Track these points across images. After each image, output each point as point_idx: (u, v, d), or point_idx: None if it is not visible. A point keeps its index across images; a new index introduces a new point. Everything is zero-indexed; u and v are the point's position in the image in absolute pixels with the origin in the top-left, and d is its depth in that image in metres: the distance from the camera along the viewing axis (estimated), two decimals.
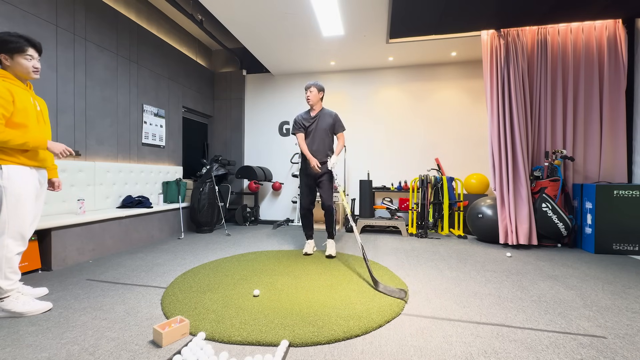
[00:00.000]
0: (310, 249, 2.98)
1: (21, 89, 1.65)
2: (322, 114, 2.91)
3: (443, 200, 4.04)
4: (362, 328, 1.51)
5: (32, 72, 1.68)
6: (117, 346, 1.36)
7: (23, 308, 1.62)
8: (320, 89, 2.88)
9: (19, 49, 1.61)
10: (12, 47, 1.60)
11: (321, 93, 2.90)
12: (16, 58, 1.62)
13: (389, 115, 4.87)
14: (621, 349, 1.36)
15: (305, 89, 2.88)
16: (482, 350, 1.34)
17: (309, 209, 3.00)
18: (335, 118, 2.93)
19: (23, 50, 1.63)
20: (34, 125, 1.68)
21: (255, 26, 3.62)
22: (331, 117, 2.91)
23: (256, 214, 4.90)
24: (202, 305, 1.77)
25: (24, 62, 1.64)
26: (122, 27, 3.50)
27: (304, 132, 2.92)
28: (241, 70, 5.30)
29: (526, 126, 3.37)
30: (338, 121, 2.95)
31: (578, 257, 2.94)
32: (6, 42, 1.59)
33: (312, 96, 2.85)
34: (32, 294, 1.83)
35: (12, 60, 1.62)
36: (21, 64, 1.64)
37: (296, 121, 2.95)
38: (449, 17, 3.36)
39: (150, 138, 3.91)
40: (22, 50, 1.62)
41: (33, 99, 1.72)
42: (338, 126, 2.95)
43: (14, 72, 1.64)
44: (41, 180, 1.78)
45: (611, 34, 3.32)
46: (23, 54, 1.63)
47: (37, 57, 1.70)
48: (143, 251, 3.05)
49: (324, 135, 2.89)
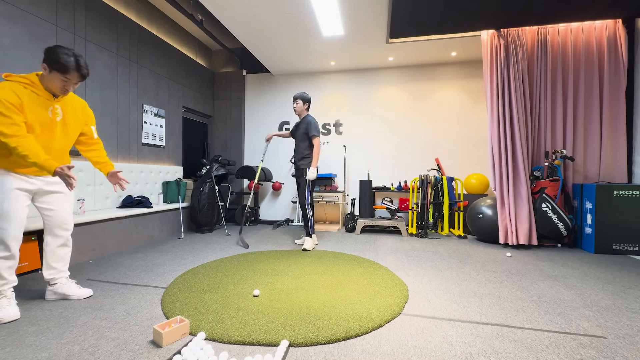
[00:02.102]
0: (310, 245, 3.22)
1: (37, 96, 1.61)
2: (303, 121, 3.25)
3: (443, 200, 4.04)
4: (362, 328, 1.51)
5: (59, 91, 1.65)
6: (117, 346, 1.36)
7: (71, 291, 1.85)
8: (305, 101, 3.25)
9: (61, 69, 1.59)
10: (56, 65, 1.58)
11: (307, 104, 3.26)
12: (54, 74, 1.59)
13: (389, 115, 4.87)
14: (621, 349, 1.36)
15: (293, 99, 3.25)
16: (482, 350, 1.34)
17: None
18: (309, 123, 3.19)
19: (65, 72, 1.60)
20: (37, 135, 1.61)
21: (255, 26, 3.62)
22: (306, 123, 3.19)
23: (256, 214, 4.90)
24: (202, 305, 1.77)
25: (57, 81, 1.61)
26: (122, 27, 3.50)
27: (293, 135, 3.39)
28: (241, 70, 5.29)
29: (526, 126, 3.37)
30: (309, 125, 3.18)
31: (578, 257, 2.94)
32: (55, 59, 1.57)
33: (298, 108, 3.24)
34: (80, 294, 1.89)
35: (49, 74, 1.60)
36: (54, 82, 1.61)
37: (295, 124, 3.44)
38: (449, 17, 3.36)
39: (150, 138, 3.91)
40: (63, 72, 1.60)
41: (53, 108, 1.66)
42: (309, 130, 3.18)
43: (44, 81, 1.62)
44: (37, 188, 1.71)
45: (611, 34, 3.32)
46: (63, 74, 1.60)
47: (75, 83, 1.67)
48: (143, 251, 3.05)
49: (301, 139, 3.23)
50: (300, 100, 3.22)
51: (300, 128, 3.25)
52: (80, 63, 1.63)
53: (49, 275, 1.83)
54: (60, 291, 1.85)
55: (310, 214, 3.19)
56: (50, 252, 1.82)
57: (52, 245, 1.82)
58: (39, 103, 1.61)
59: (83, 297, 1.88)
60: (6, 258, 1.61)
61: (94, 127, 1.92)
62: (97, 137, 1.95)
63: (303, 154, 3.21)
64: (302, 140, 3.22)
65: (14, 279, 1.66)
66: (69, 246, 1.89)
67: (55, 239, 1.82)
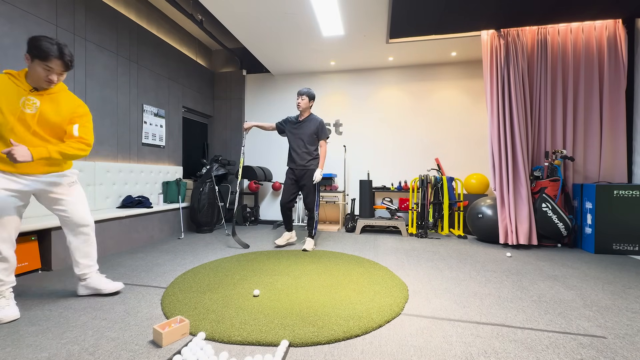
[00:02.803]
0: (283, 241, 3.21)
1: (15, 86, 1.55)
2: (309, 119, 3.12)
3: (443, 200, 4.04)
4: (362, 328, 1.51)
5: (43, 82, 1.58)
6: (117, 346, 1.36)
7: (102, 285, 1.88)
8: (311, 98, 3.10)
9: (41, 56, 1.53)
10: (36, 52, 1.53)
11: (312, 102, 3.12)
12: (36, 62, 1.54)
13: (389, 115, 4.87)
14: (621, 349, 1.36)
15: (298, 94, 3.08)
16: (482, 350, 1.34)
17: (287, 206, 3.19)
18: (320, 125, 3.10)
19: (45, 59, 1.53)
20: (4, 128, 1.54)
21: (255, 26, 3.62)
22: (316, 124, 3.10)
23: (256, 214, 4.90)
24: (202, 305, 1.77)
25: (40, 70, 1.55)
26: (122, 27, 3.50)
27: (283, 131, 3.24)
28: (241, 70, 5.29)
29: (526, 126, 3.37)
30: (322, 128, 3.11)
31: (578, 257, 2.94)
32: (37, 45, 1.52)
33: (303, 104, 3.07)
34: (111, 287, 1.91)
35: (31, 63, 1.55)
36: (37, 72, 1.55)
37: (286, 119, 3.28)
38: (449, 17, 3.35)
39: (150, 138, 3.91)
40: (44, 58, 1.53)
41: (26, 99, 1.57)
42: (321, 133, 3.11)
43: (29, 74, 1.58)
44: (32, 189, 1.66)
45: (611, 34, 3.32)
46: (43, 62, 1.54)
47: (59, 72, 1.60)
48: (143, 251, 3.05)
49: (307, 140, 3.09)
50: (306, 96, 3.05)
51: (306, 127, 3.09)
52: (63, 51, 1.57)
53: (79, 271, 1.86)
54: (91, 285, 1.87)
55: (317, 215, 3.17)
56: (75, 249, 1.85)
57: (75, 243, 1.84)
58: (13, 92, 1.55)
59: (114, 291, 1.91)
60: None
61: (77, 125, 1.72)
62: (77, 136, 1.71)
63: (313, 155, 3.10)
64: (310, 141, 3.09)
65: (11, 280, 1.66)
66: (92, 241, 1.91)
67: (77, 236, 1.85)
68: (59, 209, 1.78)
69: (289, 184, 3.14)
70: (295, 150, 3.11)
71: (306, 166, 3.08)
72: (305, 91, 3.06)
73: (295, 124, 3.15)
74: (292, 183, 3.13)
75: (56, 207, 1.78)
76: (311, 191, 3.10)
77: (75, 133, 1.69)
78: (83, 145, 1.71)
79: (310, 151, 3.10)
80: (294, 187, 3.14)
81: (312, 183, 3.07)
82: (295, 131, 3.14)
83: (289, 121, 3.21)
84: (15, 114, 1.56)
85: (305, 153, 3.08)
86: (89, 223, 1.87)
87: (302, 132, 3.10)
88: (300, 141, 3.10)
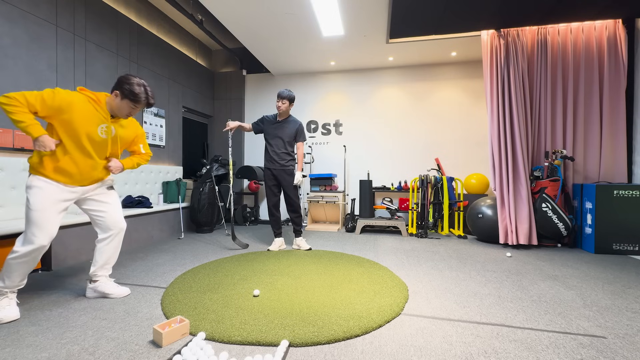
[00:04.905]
0: (276, 247, 3.16)
1: (95, 112, 1.70)
2: (289, 121, 3.13)
3: (443, 200, 4.04)
4: (362, 328, 1.51)
5: (124, 115, 1.79)
6: (117, 346, 1.36)
7: (110, 290, 1.90)
8: (291, 101, 3.09)
9: (134, 100, 1.73)
10: (130, 97, 1.71)
11: (292, 104, 3.12)
12: (125, 102, 1.73)
13: (389, 115, 4.87)
14: (621, 349, 1.36)
15: (279, 97, 3.04)
16: (482, 350, 1.34)
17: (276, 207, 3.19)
18: (300, 127, 3.14)
19: (136, 102, 1.75)
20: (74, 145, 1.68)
21: (255, 26, 3.62)
22: (296, 126, 3.12)
23: (256, 214, 4.90)
24: (202, 305, 1.77)
25: (126, 108, 1.76)
26: (122, 27, 3.50)
27: (261, 131, 3.20)
28: (241, 70, 5.30)
29: (526, 126, 3.37)
30: (301, 131, 3.15)
31: (578, 257, 2.94)
32: (130, 90, 1.71)
33: (284, 107, 3.05)
34: (118, 292, 1.93)
35: (119, 101, 1.73)
36: (121, 108, 1.75)
37: (262, 118, 3.23)
38: (449, 17, 3.36)
39: (150, 138, 3.91)
40: (134, 101, 1.74)
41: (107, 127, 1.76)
42: (300, 136, 3.14)
43: (111, 105, 1.75)
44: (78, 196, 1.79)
45: (611, 34, 3.32)
46: (132, 102, 1.74)
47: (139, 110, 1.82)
48: (143, 251, 3.05)
49: (286, 140, 3.10)
50: (287, 100, 3.03)
51: (287, 128, 3.09)
52: (149, 94, 1.79)
53: (94, 271, 1.89)
54: (100, 289, 1.90)
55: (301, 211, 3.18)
56: (101, 249, 1.89)
57: (103, 243, 1.89)
58: (93, 117, 1.70)
59: (122, 296, 1.92)
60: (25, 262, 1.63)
61: (143, 144, 2.04)
62: (144, 152, 2.05)
63: (292, 156, 3.15)
64: (290, 142, 3.12)
65: (23, 283, 1.68)
66: (118, 245, 1.95)
67: (108, 237, 1.89)
68: (95, 210, 1.87)
69: (270, 185, 3.13)
70: (275, 151, 3.09)
71: (285, 166, 3.09)
72: (287, 94, 3.04)
73: (274, 124, 3.13)
74: (274, 185, 3.13)
75: (93, 208, 1.86)
76: (293, 192, 3.12)
77: (143, 150, 2.05)
78: (148, 157, 2.09)
79: (289, 152, 3.13)
80: (276, 188, 3.15)
81: (293, 184, 3.09)
82: (274, 131, 3.11)
83: (267, 120, 3.17)
84: (90, 136, 1.71)
85: (285, 153, 3.10)
86: (123, 225, 1.94)
87: (282, 132, 3.09)
88: (279, 140, 3.09)
